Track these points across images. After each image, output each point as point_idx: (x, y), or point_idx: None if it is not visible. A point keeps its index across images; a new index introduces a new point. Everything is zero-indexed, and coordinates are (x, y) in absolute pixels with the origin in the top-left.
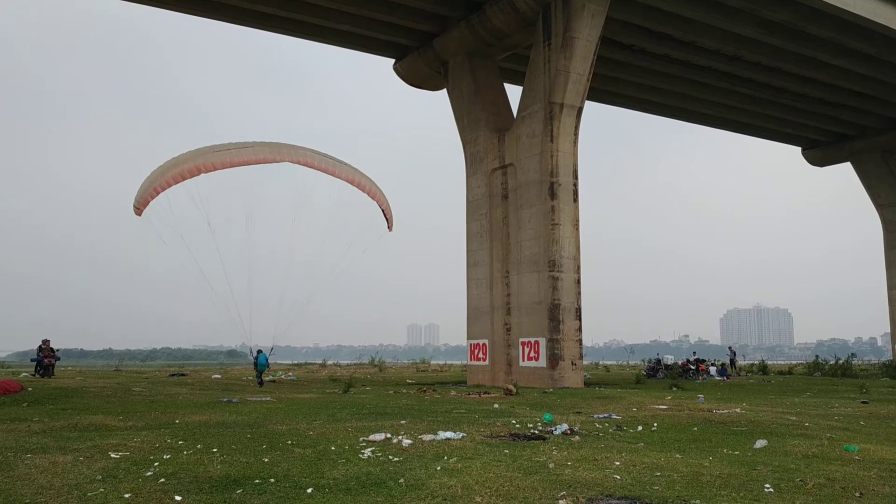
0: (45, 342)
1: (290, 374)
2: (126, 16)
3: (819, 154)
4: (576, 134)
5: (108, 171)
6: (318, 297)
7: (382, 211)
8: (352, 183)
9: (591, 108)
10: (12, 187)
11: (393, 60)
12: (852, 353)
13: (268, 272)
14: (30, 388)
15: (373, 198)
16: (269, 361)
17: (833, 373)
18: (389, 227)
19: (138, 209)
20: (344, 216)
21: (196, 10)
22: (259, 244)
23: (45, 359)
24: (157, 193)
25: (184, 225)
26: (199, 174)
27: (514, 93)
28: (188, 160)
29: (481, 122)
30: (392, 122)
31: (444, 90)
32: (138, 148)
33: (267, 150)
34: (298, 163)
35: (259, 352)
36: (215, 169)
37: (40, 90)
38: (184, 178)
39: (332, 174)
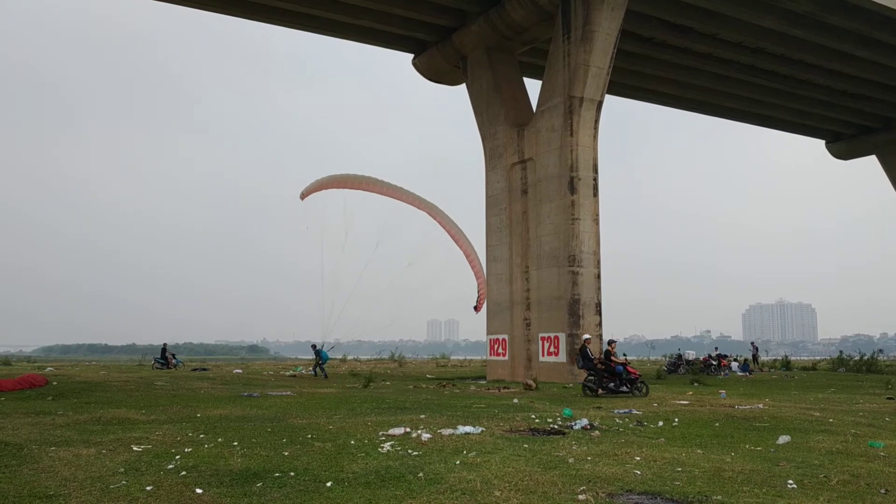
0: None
1: (311, 368)
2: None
3: (843, 147)
4: (596, 128)
5: (126, 184)
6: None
7: (478, 287)
8: (464, 253)
9: (627, 106)
10: (41, 193)
11: (412, 55)
12: (878, 349)
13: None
14: (54, 382)
15: (475, 272)
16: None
17: (858, 369)
18: (477, 308)
19: (302, 196)
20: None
21: (213, 7)
22: (351, 259)
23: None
24: (313, 191)
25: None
26: (351, 188)
27: (533, 87)
28: (348, 177)
29: (500, 117)
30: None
31: (463, 85)
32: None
33: (412, 197)
34: (428, 213)
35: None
36: (370, 191)
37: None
38: (335, 187)
39: (454, 238)
